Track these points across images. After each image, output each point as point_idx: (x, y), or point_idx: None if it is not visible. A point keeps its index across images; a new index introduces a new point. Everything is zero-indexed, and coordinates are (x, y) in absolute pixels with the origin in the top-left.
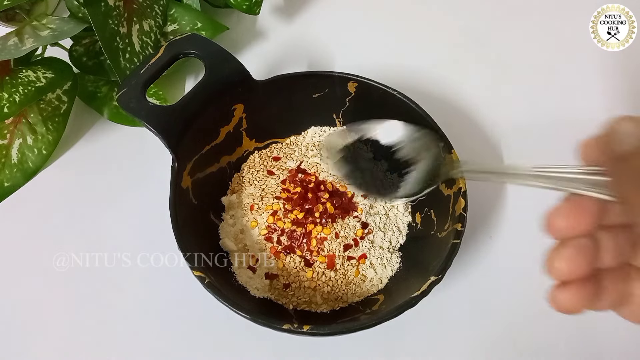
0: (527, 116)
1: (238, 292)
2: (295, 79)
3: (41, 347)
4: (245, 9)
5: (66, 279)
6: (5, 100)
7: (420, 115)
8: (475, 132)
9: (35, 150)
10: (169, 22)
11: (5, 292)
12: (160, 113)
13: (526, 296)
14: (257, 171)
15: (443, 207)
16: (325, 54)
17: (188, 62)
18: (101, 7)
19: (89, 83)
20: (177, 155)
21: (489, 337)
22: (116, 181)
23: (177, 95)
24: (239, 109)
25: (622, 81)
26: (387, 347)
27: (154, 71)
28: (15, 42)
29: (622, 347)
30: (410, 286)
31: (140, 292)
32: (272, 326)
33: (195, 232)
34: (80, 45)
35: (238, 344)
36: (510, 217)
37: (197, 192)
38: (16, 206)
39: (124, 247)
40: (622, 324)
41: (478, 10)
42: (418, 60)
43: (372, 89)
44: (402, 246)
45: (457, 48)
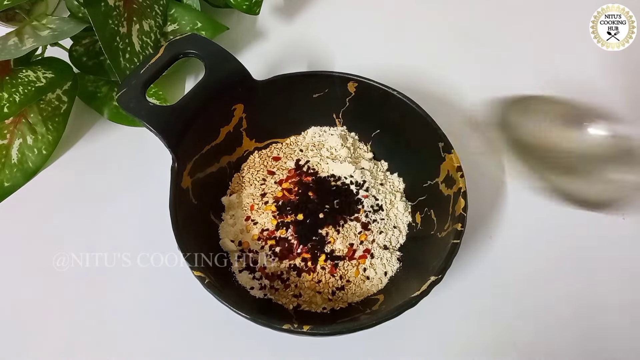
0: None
1: (238, 292)
2: (295, 79)
3: (41, 347)
4: (245, 9)
5: (66, 279)
6: (5, 100)
7: (420, 115)
8: (475, 132)
9: (35, 150)
10: (169, 22)
11: (5, 292)
12: (160, 113)
13: (526, 296)
14: (257, 171)
15: (443, 207)
16: (325, 54)
17: (188, 62)
18: (101, 7)
19: (89, 83)
20: (177, 155)
21: (489, 337)
22: (116, 181)
23: (177, 95)
24: (239, 109)
25: (622, 81)
26: (387, 347)
27: (154, 71)
28: (15, 42)
29: (623, 347)
30: (410, 286)
31: (140, 292)
32: (272, 326)
33: (195, 232)
34: (80, 45)
35: (238, 344)
36: (510, 217)
37: (197, 192)
38: (16, 206)
39: (124, 247)
40: (622, 324)
41: (478, 11)
42: (418, 60)
43: (372, 89)
44: (402, 246)
45: (457, 48)
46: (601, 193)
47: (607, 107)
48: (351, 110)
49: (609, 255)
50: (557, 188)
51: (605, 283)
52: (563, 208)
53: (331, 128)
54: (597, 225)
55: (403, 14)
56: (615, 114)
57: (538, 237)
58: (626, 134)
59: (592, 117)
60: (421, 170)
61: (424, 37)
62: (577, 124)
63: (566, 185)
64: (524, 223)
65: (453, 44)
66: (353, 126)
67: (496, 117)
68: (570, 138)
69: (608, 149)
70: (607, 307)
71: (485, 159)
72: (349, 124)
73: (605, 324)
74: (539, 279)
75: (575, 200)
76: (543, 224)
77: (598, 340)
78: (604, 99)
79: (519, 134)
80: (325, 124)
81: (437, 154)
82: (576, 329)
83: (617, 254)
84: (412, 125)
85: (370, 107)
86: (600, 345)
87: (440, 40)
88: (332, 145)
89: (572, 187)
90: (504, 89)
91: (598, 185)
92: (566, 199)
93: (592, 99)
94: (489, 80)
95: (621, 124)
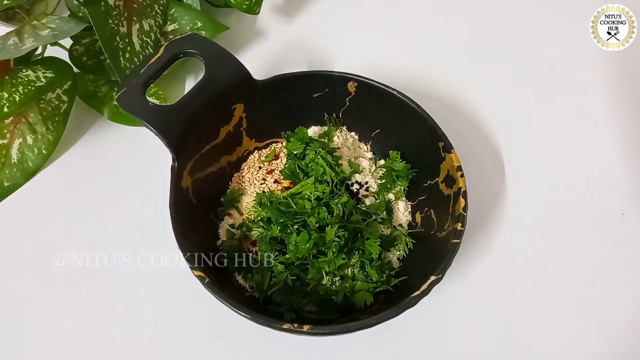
0: (527, 116)
1: (238, 292)
2: (295, 79)
3: (41, 347)
4: (245, 8)
5: (66, 279)
6: (5, 100)
7: (421, 115)
8: (475, 132)
9: (35, 149)
10: (169, 22)
11: (6, 292)
12: (160, 113)
13: (526, 296)
14: (257, 171)
15: (443, 207)
16: (325, 54)
17: (188, 62)
18: (101, 7)
19: (88, 82)
20: (177, 155)
21: (489, 337)
22: (116, 181)
23: (177, 95)
24: (239, 109)
25: (622, 81)
26: (387, 347)
27: (154, 71)
28: (15, 41)
29: (623, 346)
30: (410, 286)
31: (140, 292)
32: (272, 326)
33: (195, 232)
34: (80, 44)
35: (238, 344)
36: (510, 216)
37: (197, 191)
38: (16, 206)
39: (124, 247)
40: (623, 324)
41: (478, 11)
42: (418, 60)
43: (372, 88)
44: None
45: (457, 48)
46: None
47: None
48: (351, 110)
49: (609, 255)
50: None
51: (605, 282)
52: (563, 208)
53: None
54: (597, 224)
55: (403, 14)
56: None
57: (538, 237)
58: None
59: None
60: (421, 170)
61: (424, 37)
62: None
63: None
64: (524, 223)
65: (453, 43)
66: (353, 126)
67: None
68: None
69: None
70: (607, 306)
71: (485, 159)
72: (349, 123)
73: (605, 324)
74: (539, 279)
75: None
76: (543, 224)
77: (598, 339)
78: (604, 98)
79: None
80: (325, 124)
81: (437, 154)
82: (576, 328)
83: (617, 254)
84: (412, 125)
85: (370, 107)
86: (600, 345)
87: (441, 40)
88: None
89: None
90: (503, 89)
91: None
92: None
93: (592, 99)
94: (488, 80)
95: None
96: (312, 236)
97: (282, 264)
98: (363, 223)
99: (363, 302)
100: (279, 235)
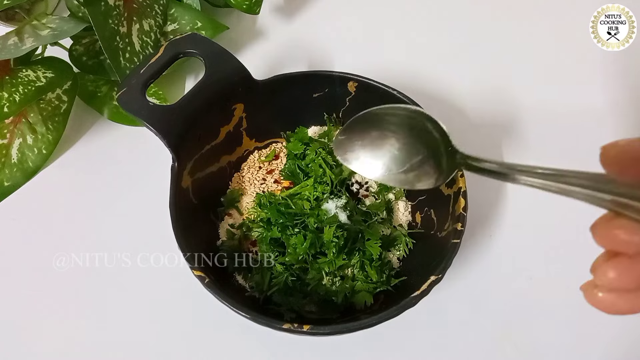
0: (527, 116)
1: (238, 292)
2: (295, 79)
3: (41, 347)
4: (245, 8)
5: (66, 279)
6: (5, 100)
7: None
8: (476, 132)
9: (35, 149)
10: (169, 22)
11: (6, 292)
12: (160, 113)
13: (526, 296)
14: (257, 171)
15: (443, 207)
16: (325, 54)
17: (188, 62)
18: (101, 7)
19: (89, 82)
20: (177, 155)
21: (489, 337)
22: (116, 181)
23: (177, 95)
24: (239, 109)
25: (622, 81)
26: (387, 347)
27: (154, 71)
28: (15, 41)
29: (623, 347)
30: (410, 286)
31: (140, 292)
32: (272, 326)
33: (195, 232)
34: (80, 44)
35: (238, 344)
36: (510, 216)
37: (197, 191)
38: (16, 206)
39: (124, 247)
40: (622, 325)
41: (478, 10)
42: (418, 60)
43: (372, 88)
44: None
45: (457, 48)
46: None
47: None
48: (351, 110)
49: None
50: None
51: None
52: (563, 208)
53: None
54: None
55: (403, 13)
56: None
57: (538, 237)
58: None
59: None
60: None
61: (424, 37)
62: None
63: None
64: (524, 223)
65: (453, 43)
66: None
67: (496, 116)
68: None
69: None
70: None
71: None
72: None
73: (605, 324)
74: (539, 279)
75: None
76: (543, 223)
77: (598, 339)
78: (604, 98)
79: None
80: (326, 124)
81: None
82: (576, 328)
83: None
84: None
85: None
86: (600, 344)
87: (441, 39)
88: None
89: None
90: (503, 89)
91: None
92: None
93: (592, 99)
94: (489, 80)
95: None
96: (308, 237)
97: (282, 264)
98: (364, 224)
99: (363, 302)
100: (279, 237)
